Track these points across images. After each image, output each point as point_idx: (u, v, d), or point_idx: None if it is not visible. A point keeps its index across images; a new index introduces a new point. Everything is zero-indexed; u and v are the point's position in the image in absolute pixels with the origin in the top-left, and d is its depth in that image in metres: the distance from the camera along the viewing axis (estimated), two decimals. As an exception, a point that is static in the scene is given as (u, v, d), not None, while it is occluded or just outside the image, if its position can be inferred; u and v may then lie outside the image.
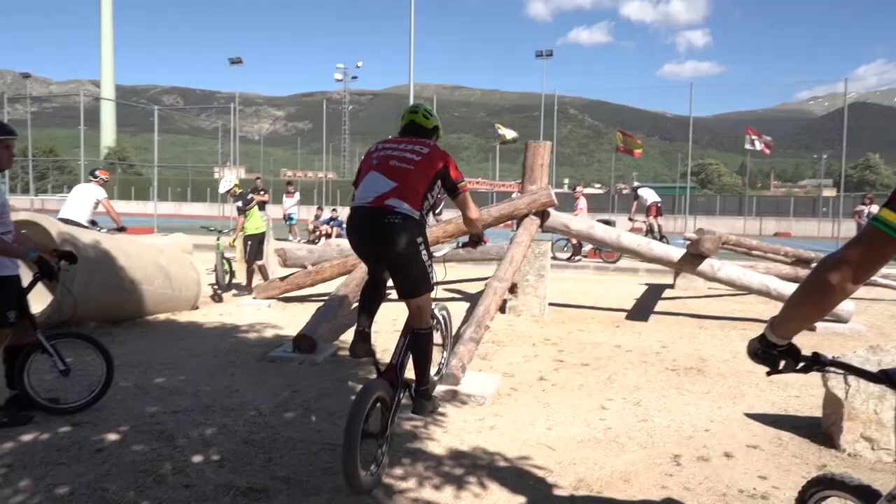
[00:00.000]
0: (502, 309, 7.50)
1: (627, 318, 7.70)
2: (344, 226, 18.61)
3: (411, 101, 23.51)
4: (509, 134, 27.06)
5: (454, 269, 12.37)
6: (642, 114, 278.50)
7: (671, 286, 10.45)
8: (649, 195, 15.04)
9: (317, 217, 18.55)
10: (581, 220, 7.71)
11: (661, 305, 8.73)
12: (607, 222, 13.95)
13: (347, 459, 2.64)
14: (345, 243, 13.10)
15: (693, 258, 7.26)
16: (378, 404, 2.87)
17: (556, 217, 7.41)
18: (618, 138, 24.86)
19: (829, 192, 48.83)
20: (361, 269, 6.42)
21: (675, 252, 7.37)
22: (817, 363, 1.63)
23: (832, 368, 1.66)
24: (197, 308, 7.32)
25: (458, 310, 7.74)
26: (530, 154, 7.47)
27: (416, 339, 3.19)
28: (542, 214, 7.31)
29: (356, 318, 3.19)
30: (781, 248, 9.56)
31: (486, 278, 9.78)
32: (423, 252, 3.07)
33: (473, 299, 8.53)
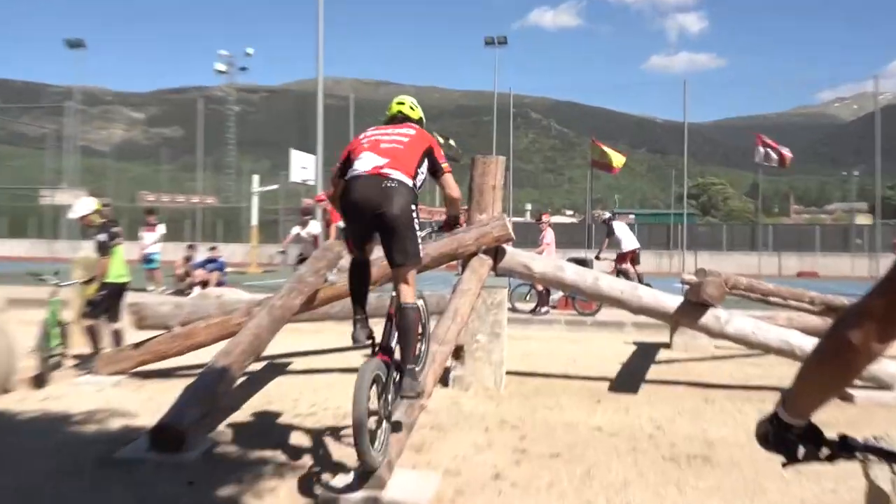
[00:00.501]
0: (444, 381, 7.46)
1: (611, 389, 7.79)
2: (225, 270, 18.45)
3: (320, 100, 23.64)
4: (451, 148, 27.44)
5: (380, 328, 12.29)
6: (624, 119, 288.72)
7: (667, 345, 10.68)
8: (625, 237, 15.25)
9: (187, 259, 18.20)
10: (548, 260, 7.82)
11: (654, 371, 8.87)
12: (582, 262, 14.25)
13: (360, 440, 3.75)
14: (227, 294, 12.88)
15: (694, 308, 7.46)
16: (374, 384, 3.92)
17: (515, 256, 7.48)
18: (593, 150, 25.59)
19: (863, 219, 51.35)
20: (250, 331, 6.30)
21: (671, 300, 7.55)
22: (846, 449, 1.60)
23: (868, 455, 1.60)
24: (8, 391, 6.99)
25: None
26: (478, 172, 7.57)
27: (402, 315, 4.28)
28: (496, 252, 7.37)
29: (235, 398, 4.12)
30: (806, 293, 9.94)
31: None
32: (416, 222, 4.20)
33: (405, 368, 8.46)
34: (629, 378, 8.35)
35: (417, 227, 4.24)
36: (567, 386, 7.90)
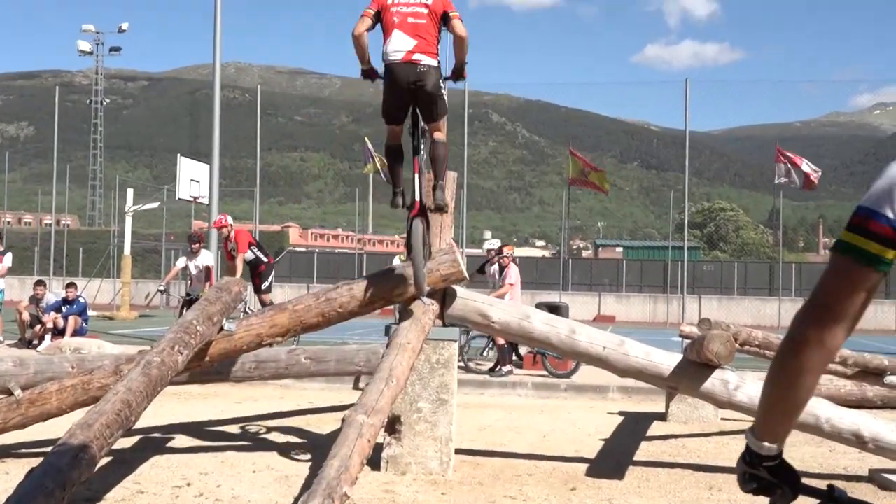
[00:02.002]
0: (374, 462, 7.43)
1: (589, 473, 7.83)
2: (87, 314, 18.16)
3: (217, 92, 23.52)
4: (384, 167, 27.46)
5: (291, 392, 12.24)
6: (611, 125, 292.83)
7: (661, 417, 10.79)
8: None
9: (36, 298, 17.86)
10: (511, 306, 7.88)
11: (644, 451, 8.95)
12: (555, 308, 14.37)
13: (418, 276, 6.94)
14: (88, 346, 12.67)
15: (695, 369, 7.56)
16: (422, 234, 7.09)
17: (468, 301, 7.52)
18: (571, 165, 25.95)
19: (908, 257, 52.63)
20: (118, 396, 6.20)
21: (666, 359, 7.65)
22: (831, 500, 1.90)
23: None
24: None
25: (296, 468, 7.60)
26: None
27: (435, 146, 7.26)
28: (444, 296, 7.40)
29: (96, 487, 4.91)
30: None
31: (345, 408, 9.68)
32: (444, 90, 7.15)
33: (323, 444, 8.40)
34: (613, 459, 8.41)
35: (444, 93, 7.17)
36: (534, 469, 7.92)
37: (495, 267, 14.90)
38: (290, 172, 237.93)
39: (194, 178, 25.82)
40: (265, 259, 15.34)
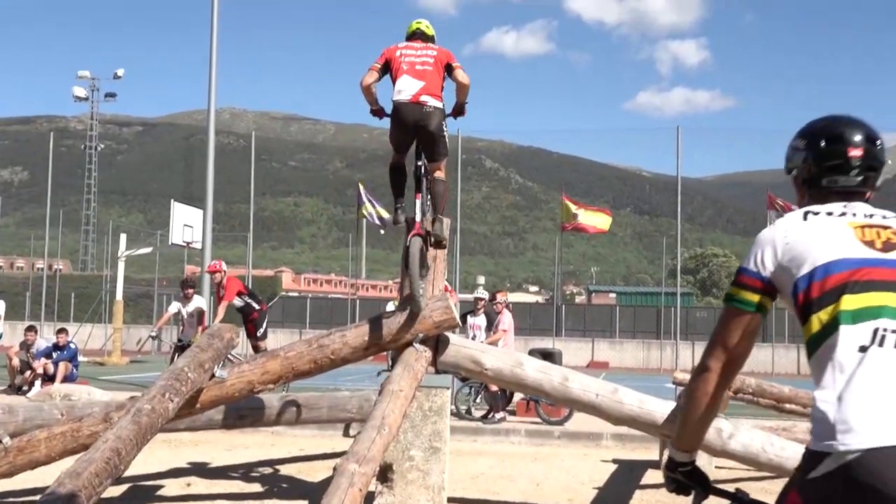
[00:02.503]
0: (366, 511, 7.37)
1: (584, 522, 7.78)
2: (78, 360, 18.07)
3: (211, 138, 23.57)
4: (377, 218, 27.49)
5: (283, 439, 12.17)
6: (604, 171, 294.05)
7: (656, 464, 10.73)
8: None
9: (27, 344, 17.80)
10: (504, 353, 7.86)
11: (638, 499, 8.91)
12: (548, 355, 14.34)
13: (413, 290, 7.09)
14: (79, 392, 12.60)
15: (689, 417, 7.54)
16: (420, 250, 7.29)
17: (461, 347, 7.50)
18: (564, 210, 26.00)
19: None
20: (108, 444, 6.15)
21: (660, 407, 7.63)
22: (735, 500, 2.70)
23: None
24: None
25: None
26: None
27: (435, 183, 7.69)
28: (437, 342, 7.38)
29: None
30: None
31: (337, 455, 9.63)
32: (445, 131, 7.65)
33: (315, 493, 8.33)
34: (607, 508, 8.36)
35: (446, 134, 7.66)
36: (527, 518, 7.86)
37: (478, 319, 14.85)
38: (283, 217, 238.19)
39: (188, 224, 25.82)
40: (257, 306, 15.29)
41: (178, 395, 6.86)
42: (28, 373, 17.10)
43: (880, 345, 2.36)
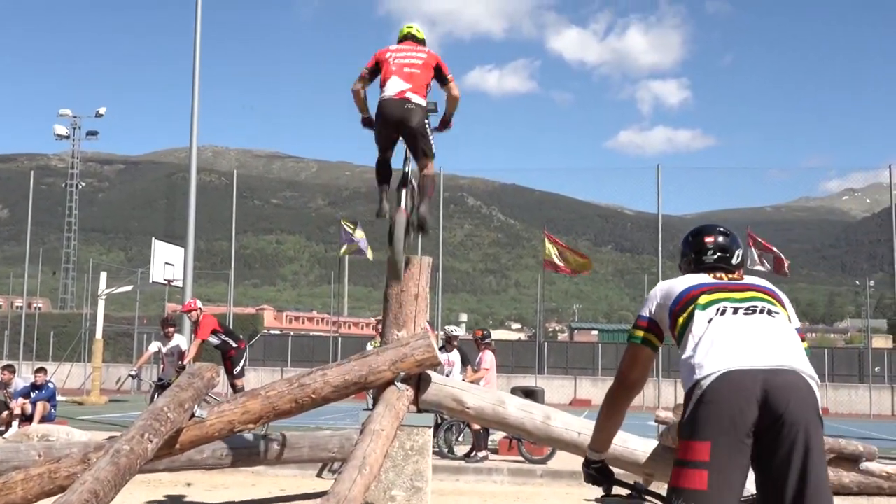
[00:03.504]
0: (347, 553, 7.31)
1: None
2: (56, 399, 17.90)
3: (193, 175, 23.56)
4: (363, 243, 27.41)
5: (264, 479, 12.07)
6: (585, 208, 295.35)
7: (640, 503, 10.71)
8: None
9: (4, 384, 17.64)
10: (486, 392, 7.83)
11: (623, 538, 8.86)
12: (530, 393, 14.33)
13: (396, 260, 7.50)
14: (56, 433, 12.49)
15: (671, 455, 7.51)
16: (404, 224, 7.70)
17: (442, 386, 7.48)
18: (546, 248, 26.07)
19: (881, 342, 52.96)
20: (86, 486, 6.09)
21: (640, 445, 7.61)
22: (635, 490, 3.78)
23: (650, 499, 3.71)
24: None
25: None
26: (397, 277, 7.63)
27: (423, 177, 7.85)
28: (419, 381, 7.36)
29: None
30: (812, 436, 10.16)
31: (318, 495, 9.57)
32: (429, 129, 7.72)
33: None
34: (591, 548, 8.33)
35: (430, 133, 7.75)
36: (510, 559, 7.82)
37: (451, 355, 14.82)
38: (265, 255, 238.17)
39: (169, 262, 25.69)
40: (234, 344, 15.26)
41: (158, 435, 6.80)
42: (5, 413, 16.94)
43: (721, 315, 3.52)
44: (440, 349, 14.66)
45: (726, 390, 3.24)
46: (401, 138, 7.87)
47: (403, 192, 7.93)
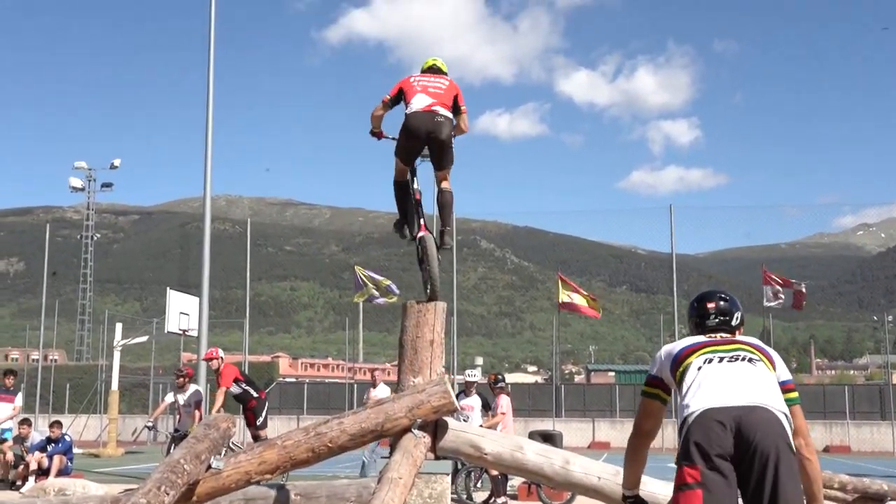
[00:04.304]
0: None
1: None
2: (72, 452, 17.83)
3: (207, 225, 23.63)
4: (380, 287, 27.44)
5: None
6: (599, 249, 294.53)
7: (662, 547, 10.56)
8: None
9: (21, 437, 17.61)
10: (503, 437, 7.77)
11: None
12: (549, 437, 14.21)
13: (433, 277, 7.88)
14: (73, 486, 12.45)
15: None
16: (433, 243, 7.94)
17: (459, 432, 7.42)
18: (560, 289, 26.06)
19: (902, 378, 52.19)
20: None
21: (661, 488, 7.52)
22: None
23: None
24: None
25: None
26: (411, 323, 7.60)
27: (442, 194, 8.07)
28: (436, 428, 7.31)
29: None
30: (835, 477, 9.99)
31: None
32: (453, 142, 7.98)
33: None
34: None
35: (453, 145, 8.02)
36: None
37: (470, 399, 14.77)
38: (279, 302, 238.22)
39: (184, 311, 25.77)
40: (255, 393, 15.19)
41: (174, 487, 6.76)
42: (21, 467, 16.90)
43: (709, 363, 4.26)
44: (459, 394, 14.63)
45: (706, 424, 3.96)
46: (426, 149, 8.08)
47: (420, 218, 8.12)
